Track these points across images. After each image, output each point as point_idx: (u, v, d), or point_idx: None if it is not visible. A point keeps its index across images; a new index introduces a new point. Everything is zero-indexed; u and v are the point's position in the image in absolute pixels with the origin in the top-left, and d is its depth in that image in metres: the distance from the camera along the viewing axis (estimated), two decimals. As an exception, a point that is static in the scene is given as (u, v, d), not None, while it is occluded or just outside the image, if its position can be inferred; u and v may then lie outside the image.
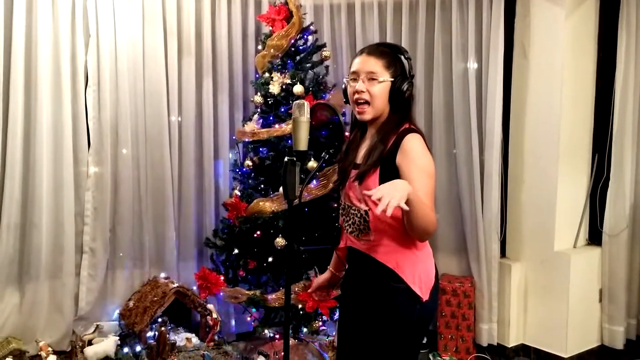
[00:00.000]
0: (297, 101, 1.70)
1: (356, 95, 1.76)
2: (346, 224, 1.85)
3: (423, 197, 1.58)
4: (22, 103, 2.89)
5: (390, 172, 1.69)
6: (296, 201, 1.74)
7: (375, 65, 1.75)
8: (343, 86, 1.87)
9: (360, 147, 1.85)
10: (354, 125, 1.91)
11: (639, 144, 3.40)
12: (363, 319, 1.82)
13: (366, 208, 1.76)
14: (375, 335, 1.77)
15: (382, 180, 1.67)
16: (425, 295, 1.74)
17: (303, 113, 1.68)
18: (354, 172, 1.80)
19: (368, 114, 1.77)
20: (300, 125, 1.68)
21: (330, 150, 1.87)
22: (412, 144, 1.68)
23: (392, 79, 1.75)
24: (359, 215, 1.78)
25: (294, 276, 2.92)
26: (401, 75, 1.77)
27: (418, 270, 1.76)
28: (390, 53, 1.79)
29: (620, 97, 3.32)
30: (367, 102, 1.75)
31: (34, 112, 2.93)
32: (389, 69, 1.76)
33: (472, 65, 3.41)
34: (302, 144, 1.69)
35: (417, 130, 1.75)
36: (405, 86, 1.75)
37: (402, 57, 1.80)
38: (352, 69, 1.80)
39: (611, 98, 3.37)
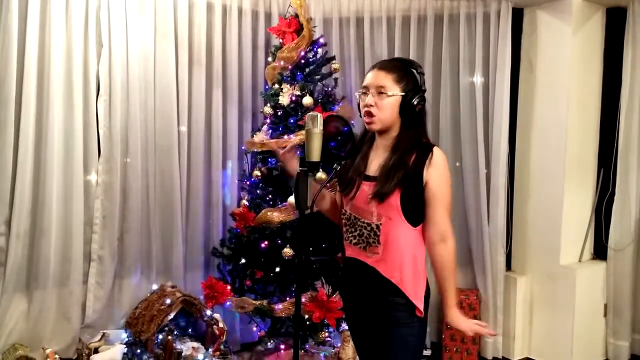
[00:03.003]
0: (310, 113, 1.73)
1: (365, 109, 1.81)
2: (351, 235, 1.86)
3: (444, 208, 1.77)
4: (34, 111, 2.91)
5: (413, 188, 1.74)
6: (307, 211, 1.76)
7: (385, 79, 1.78)
8: (357, 100, 1.90)
9: (368, 157, 1.87)
10: (363, 136, 1.94)
11: (645, 159, 3.42)
12: (370, 333, 1.85)
13: (378, 222, 1.78)
14: (383, 349, 1.79)
15: (404, 197, 1.74)
16: (423, 310, 1.79)
17: (316, 125, 1.70)
18: (365, 184, 1.81)
19: (376, 124, 1.80)
20: (313, 137, 1.71)
21: (342, 162, 1.89)
22: (441, 158, 1.77)
23: (403, 93, 1.78)
24: (369, 228, 1.80)
25: (302, 286, 2.93)
26: (412, 90, 1.78)
27: (419, 286, 1.80)
28: (402, 67, 1.81)
29: (625, 113, 3.34)
30: (375, 115, 1.79)
31: (46, 120, 2.94)
32: (399, 83, 1.78)
33: (479, 79, 3.45)
34: (315, 155, 1.71)
35: (435, 145, 1.80)
36: (415, 100, 1.78)
37: (415, 71, 1.81)
38: (364, 84, 1.84)
39: (617, 113, 3.40)
